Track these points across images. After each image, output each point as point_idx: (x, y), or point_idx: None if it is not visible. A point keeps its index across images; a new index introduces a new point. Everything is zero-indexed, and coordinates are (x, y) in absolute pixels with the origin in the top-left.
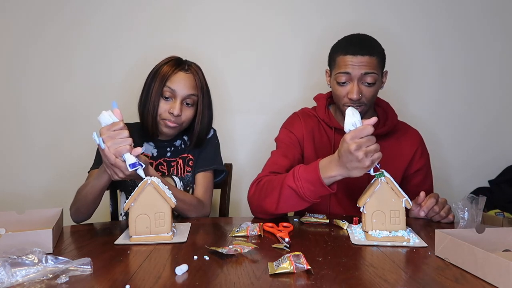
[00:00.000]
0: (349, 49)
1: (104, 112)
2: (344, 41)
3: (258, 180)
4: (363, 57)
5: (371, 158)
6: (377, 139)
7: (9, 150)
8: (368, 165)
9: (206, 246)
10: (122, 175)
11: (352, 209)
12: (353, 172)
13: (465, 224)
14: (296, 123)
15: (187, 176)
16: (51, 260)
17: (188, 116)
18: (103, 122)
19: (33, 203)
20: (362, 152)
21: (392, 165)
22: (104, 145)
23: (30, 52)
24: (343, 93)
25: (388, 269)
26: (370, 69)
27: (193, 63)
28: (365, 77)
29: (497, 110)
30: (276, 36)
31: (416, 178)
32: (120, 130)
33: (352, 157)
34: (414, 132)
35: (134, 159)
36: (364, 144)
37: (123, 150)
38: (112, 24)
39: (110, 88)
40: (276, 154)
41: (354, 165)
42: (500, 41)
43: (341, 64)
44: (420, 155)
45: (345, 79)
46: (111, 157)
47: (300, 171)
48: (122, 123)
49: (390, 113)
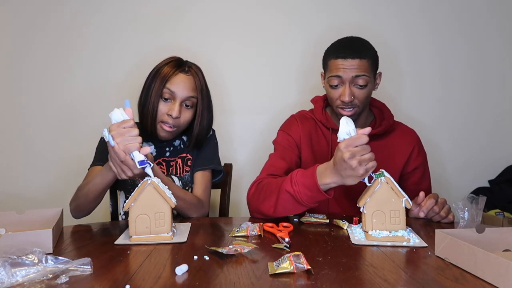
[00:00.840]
0: (340, 53)
1: (116, 110)
2: (335, 45)
3: (257, 182)
4: (354, 60)
5: (365, 167)
6: (374, 139)
7: (9, 150)
8: (362, 173)
9: (206, 246)
10: (130, 174)
11: (350, 209)
12: (347, 180)
13: (465, 224)
14: (293, 126)
15: (186, 176)
16: (51, 260)
17: (187, 118)
18: (114, 119)
19: (33, 203)
20: (356, 161)
21: (389, 164)
22: (114, 142)
23: (30, 52)
24: (336, 96)
25: (388, 269)
26: (361, 71)
27: (194, 64)
28: (356, 80)
29: (497, 110)
30: (276, 37)
31: (413, 176)
32: (130, 128)
33: (346, 165)
34: (411, 131)
35: (143, 157)
36: (359, 153)
37: (133, 147)
38: (112, 24)
39: (110, 88)
40: (274, 156)
41: (348, 173)
42: (500, 41)
43: (333, 67)
44: (417, 153)
45: (337, 82)
46: (121, 154)
47: (298, 176)
48: (133, 121)
49: (386, 113)
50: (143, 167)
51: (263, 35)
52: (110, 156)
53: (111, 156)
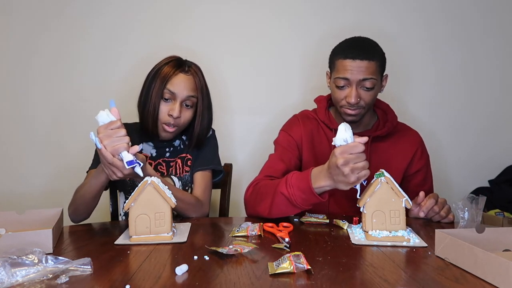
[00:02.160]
0: (349, 53)
1: (102, 112)
2: (344, 44)
3: (254, 183)
4: (362, 61)
5: (357, 175)
6: (377, 140)
7: (9, 150)
8: (353, 181)
9: (206, 246)
10: (120, 175)
11: (350, 210)
12: (339, 185)
13: (465, 224)
14: (295, 126)
15: (186, 176)
16: (51, 260)
17: (187, 117)
18: (101, 121)
19: (33, 203)
20: (349, 168)
21: (392, 165)
22: (101, 145)
23: (31, 52)
24: (341, 96)
25: (388, 269)
26: (369, 74)
27: (193, 64)
28: (363, 82)
29: (496, 110)
30: (276, 37)
31: (416, 178)
32: (117, 129)
33: (338, 171)
34: (414, 133)
35: (131, 157)
36: (352, 160)
37: (120, 148)
38: (113, 24)
39: (110, 88)
40: (273, 157)
41: (340, 179)
42: (498, 41)
43: (340, 68)
44: (420, 156)
45: (344, 83)
46: (108, 156)
47: (293, 178)
48: (120, 122)
49: (390, 115)
50: (132, 167)
51: (263, 36)
52: (100, 158)
53: (100, 158)
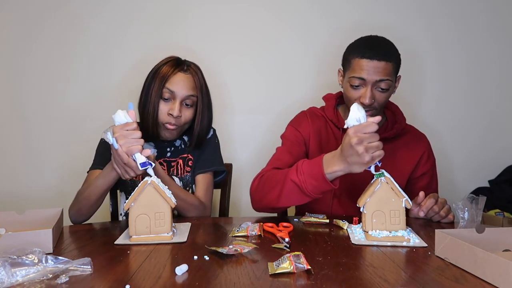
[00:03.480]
0: (366, 53)
1: (120, 111)
2: (361, 43)
3: (261, 174)
4: (380, 62)
5: (371, 154)
6: (385, 142)
7: (10, 150)
8: (368, 160)
9: (206, 246)
10: (133, 174)
11: (354, 212)
12: (353, 167)
13: (465, 224)
14: (303, 122)
15: (187, 176)
16: (51, 260)
17: (188, 116)
18: (117, 121)
19: (33, 203)
20: (363, 147)
21: (398, 168)
22: (118, 145)
23: (31, 53)
24: (355, 96)
25: (388, 269)
26: (385, 75)
27: (192, 63)
28: (379, 83)
29: (497, 110)
30: (276, 36)
31: (421, 181)
32: (133, 131)
33: (352, 151)
34: (422, 136)
35: (144, 159)
36: (366, 139)
37: (135, 149)
38: (112, 25)
39: (110, 88)
40: (281, 150)
41: (354, 160)
42: (500, 41)
43: (356, 67)
44: (426, 159)
45: (359, 83)
46: (124, 156)
47: (304, 165)
48: (136, 124)
49: (398, 116)
50: (145, 168)
51: (264, 35)
52: (114, 157)
53: (115, 158)
